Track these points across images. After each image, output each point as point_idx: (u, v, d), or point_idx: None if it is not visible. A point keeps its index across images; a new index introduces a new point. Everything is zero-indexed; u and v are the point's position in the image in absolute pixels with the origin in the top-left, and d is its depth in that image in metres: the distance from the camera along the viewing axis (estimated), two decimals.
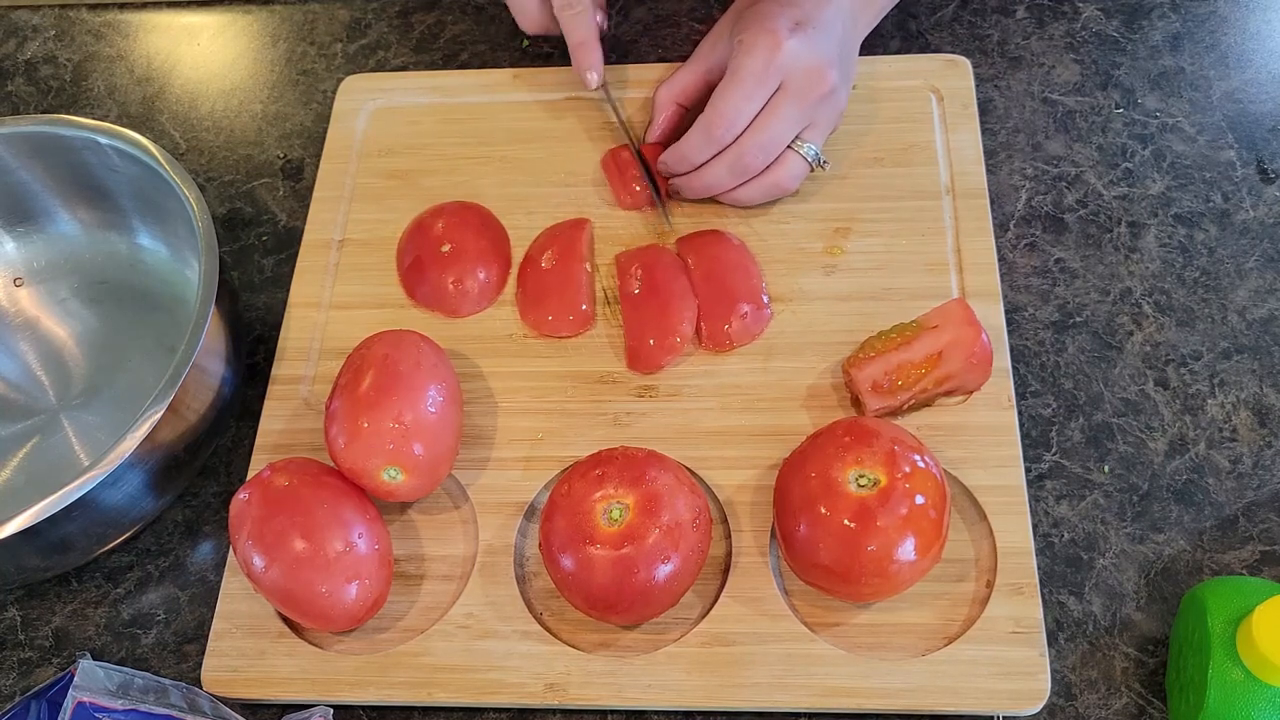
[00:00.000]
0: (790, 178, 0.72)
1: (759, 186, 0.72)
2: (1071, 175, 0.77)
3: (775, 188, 0.72)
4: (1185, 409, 0.68)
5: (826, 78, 0.69)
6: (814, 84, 0.69)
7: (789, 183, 0.72)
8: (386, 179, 0.80)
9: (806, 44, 0.68)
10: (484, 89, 0.83)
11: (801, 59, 0.68)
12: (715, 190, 0.73)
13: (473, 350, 0.73)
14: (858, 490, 0.58)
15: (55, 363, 0.76)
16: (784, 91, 0.69)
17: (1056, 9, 0.84)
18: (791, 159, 0.71)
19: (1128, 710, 0.61)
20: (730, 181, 0.72)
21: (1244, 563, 0.64)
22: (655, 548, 0.59)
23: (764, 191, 0.73)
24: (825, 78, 0.69)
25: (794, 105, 0.69)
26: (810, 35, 0.68)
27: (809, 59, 0.68)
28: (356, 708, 0.64)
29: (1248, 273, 0.72)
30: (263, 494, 0.62)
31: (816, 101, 0.69)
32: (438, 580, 0.66)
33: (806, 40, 0.68)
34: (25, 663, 0.67)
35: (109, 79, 0.90)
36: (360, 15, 0.90)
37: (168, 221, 0.74)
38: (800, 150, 0.71)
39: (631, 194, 0.76)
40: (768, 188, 0.72)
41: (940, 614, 0.62)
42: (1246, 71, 0.80)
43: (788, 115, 0.69)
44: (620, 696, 0.61)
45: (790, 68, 0.68)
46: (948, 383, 0.66)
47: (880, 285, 0.72)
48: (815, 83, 0.69)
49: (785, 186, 0.72)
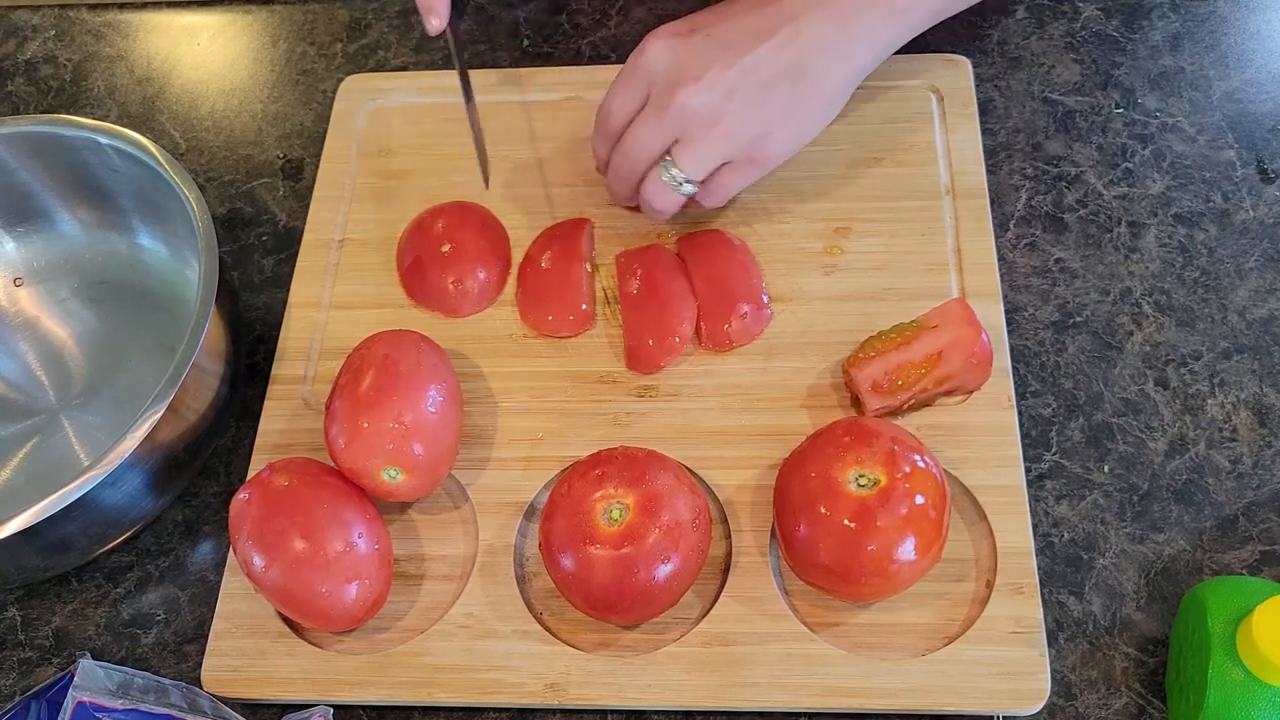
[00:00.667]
0: (654, 195, 0.66)
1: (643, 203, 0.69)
2: (1071, 175, 0.77)
3: (646, 205, 0.68)
4: (1185, 409, 0.68)
5: (682, 90, 0.62)
6: (669, 95, 0.63)
7: (655, 201, 0.67)
8: (386, 179, 0.80)
9: (676, 49, 0.63)
10: (484, 89, 0.83)
11: (661, 64, 0.63)
12: (620, 198, 0.72)
13: (473, 350, 0.73)
14: (858, 490, 0.58)
15: (55, 363, 0.76)
16: (648, 101, 0.65)
17: (1056, 9, 0.84)
18: (653, 178, 0.66)
19: (1128, 710, 0.61)
20: (621, 189, 0.70)
21: (1244, 563, 0.64)
22: (655, 548, 0.59)
23: (645, 207, 0.69)
24: (681, 90, 0.62)
25: (651, 117, 0.64)
26: (691, 42, 0.62)
27: (671, 65, 0.62)
28: (356, 708, 0.64)
29: (1248, 273, 0.72)
30: (263, 494, 0.62)
31: (676, 115, 0.63)
32: (438, 580, 0.66)
33: (680, 45, 0.62)
34: (25, 663, 0.67)
35: (109, 79, 0.90)
36: (360, 15, 0.90)
37: (168, 221, 0.74)
38: (666, 173, 0.65)
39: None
40: (644, 204, 0.68)
41: (940, 614, 0.62)
42: (1246, 71, 0.80)
43: (645, 127, 0.65)
44: (620, 696, 0.61)
45: (652, 73, 0.64)
46: (948, 383, 0.66)
47: (880, 285, 0.72)
48: (670, 94, 0.62)
49: (654, 206, 0.67)
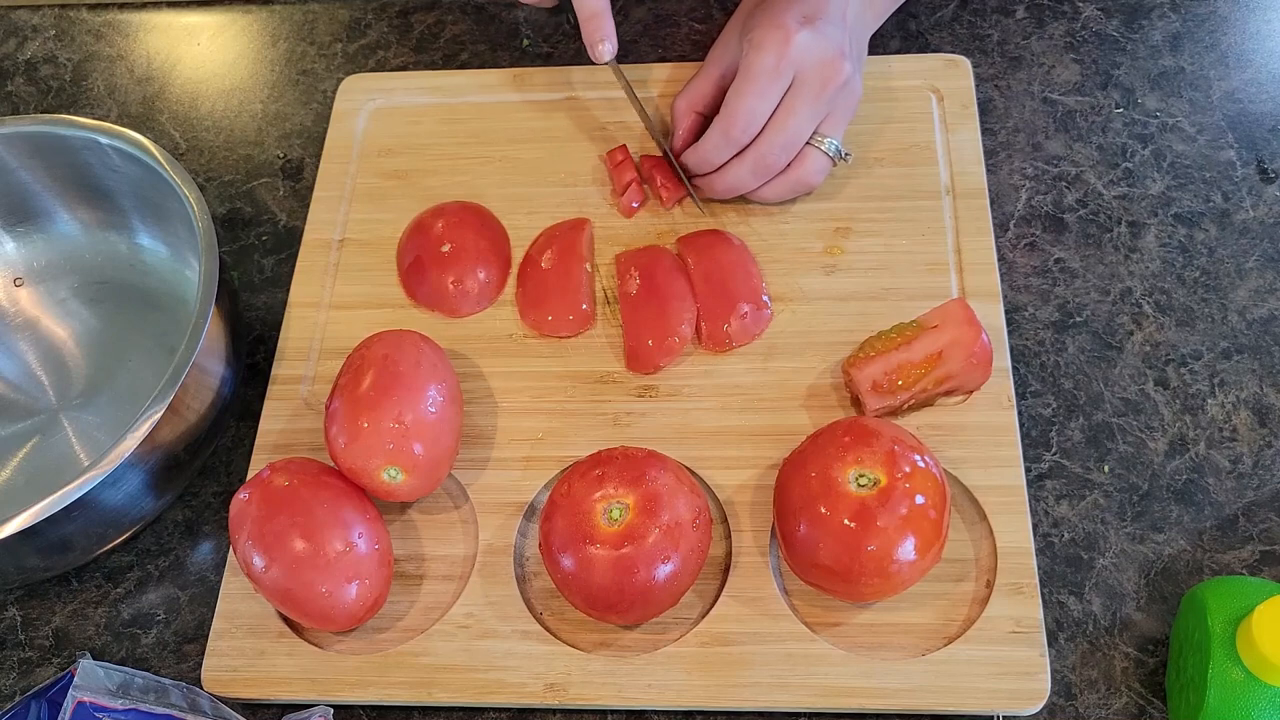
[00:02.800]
0: (813, 173, 0.72)
1: (783, 184, 0.72)
2: (1071, 175, 0.77)
3: (799, 184, 0.72)
4: (1185, 409, 0.68)
5: (840, 68, 0.68)
6: (828, 76, 0.68)
7: (813, 178, 0.72)
8: (386, 179, 0.80)
9: (816, 36, 0.68)
10: (484, 89, 0.83)
11: (813, 52, 0.68)
12: (739, 190, 0.73)
13: (473, 350, 0.73)
14: (858, 490, 0.58)
15: (55, 363, 0.76)
16: (798, 86, 0.68)
17: (1056, 9, 0.84)
18: (812, 155, 0.71)
19: (1128, 710, 0.61)
20: (753, 182, 0.72)
21: (1244, 563, 0.64)
22: (655, 548, 0.59)
23: (789, 189, 0.73)
24: (839, 68, 0.68)
25: (810, 100, 0.69)
26: (819, 27, 0.68)
27: (820, 51, 0.68)
28: (356, 708, 0.64)
29: (1248, 273, 0.72)
30: (263, 494, 0.62)
31: (832, 93, 0.69)
32: (438, 580, 0.66)
33: (816, 33, 0.68)
34: (25, 663, 0.67)
35: (109, 79, 0.90)
36: (360, 15, 0.90)
37: (168, 221, 0.74)
38: (821, 145, 0.71)
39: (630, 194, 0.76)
40: (792, 185, 0.72)
41: (940, 614, 0.62)
42: (1246, 71, 0.80)
43: (805, 110, 0.69)
44: (620, 696, 0.61)
45: (802, 61, 0.68)
46: (948, 383, 0.66)
47: (880, 285, 0.72)
48: (829, 74, 0.68)
49: (809, 182, 0.72)
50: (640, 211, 0.77)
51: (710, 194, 0.74)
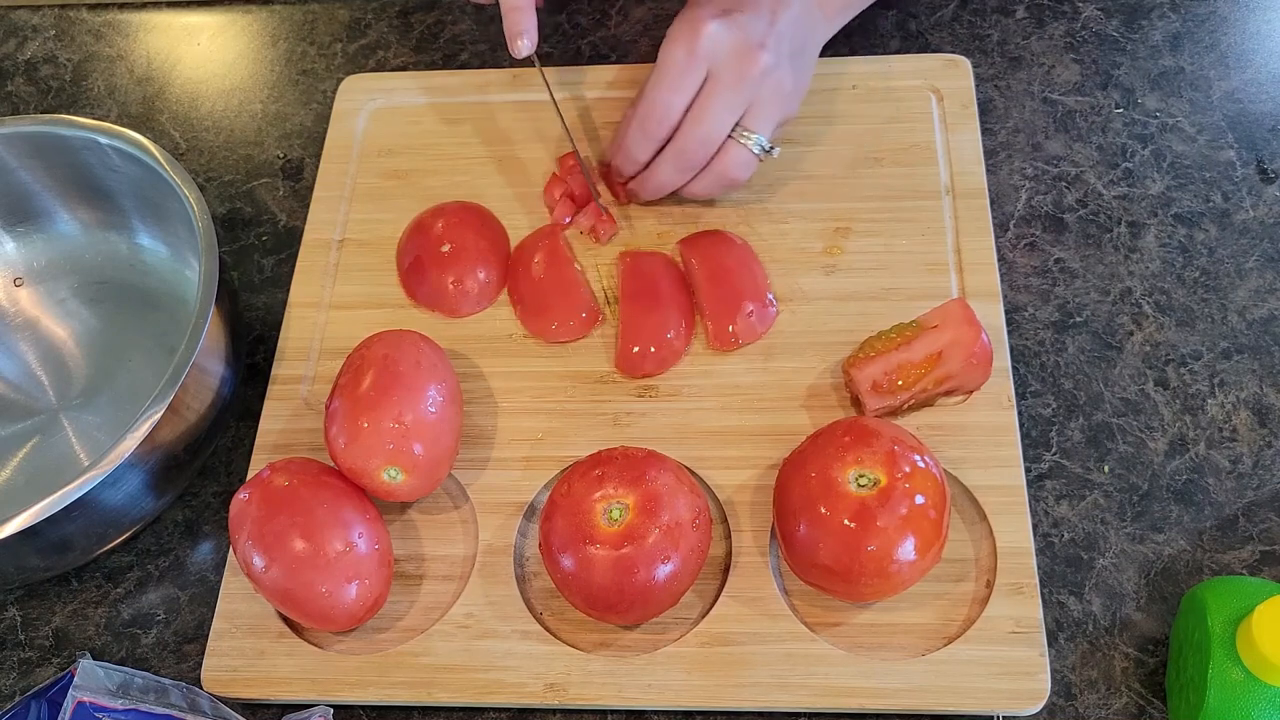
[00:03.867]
0: (736, 166, 0.70)
1: (706, 179, 0.71)
2: (1071, 175, 0.77)
3: (723, 178, 0.71)
4: (1185, 409, 0.68)
5: (756, 58, 0.67)
6: (745, 67, 0.67)
7: (736, 172, 0.70)
8: (386, 179, 0.80)
9: (730, 27, 0.67)
10: (484, 89, 0.83)
11: (725, 42, 0.67)
12: (668, 188, 0.72)
13: (473, 350, 0.73)
14: (858, 490, 0.58)
15: (55, 363, 0.76)
16: (713, 79, 0.67)
17: (1056, 9, 0.84)
18: (733, 149, 0.69)
19: (1128, 710, 0.61)
20: (677, 177, 0.71)
21: (1244, 563, 0.64)
22: (655, 548, 0.59)
23: (713, 183, 0.71)
24: (755, 58, 0.67)
25: (725, 92, 0.67)
26: (735, 19, 0.67)
27: (734, 41, 0.67)
28: (356, 708, 0.64)
29: (1248, 273, 0.72)
30: (263, 494, 0.62)
31: (750, 84, 0.67)
32: (438, 580, 0.66)
33: (730, 24, 0.67)
34: (25, 663, 0.67)
35: (109, 79, 0.90)
36: (360, 15, 0.90)
37: (168, 221, 0.74)
38: (743, 140, 0.69)
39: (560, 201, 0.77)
40: (716, 179, 0.71)
41: (940, 614, 0.62)
42: (1246, 71, 0.80)
43: (721, 102, 0.67)
44: (620, 696, 0.61)
45: (714, 53, 0.67)
46: (948, 383, 0.66)
47: (880, 285, 0.72)
48: (746, 65, 0.67)
49: (734, 177, 0.71)
50: (640, 211, 0.77)
51: (641, 195, 0.74)
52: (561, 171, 0.78)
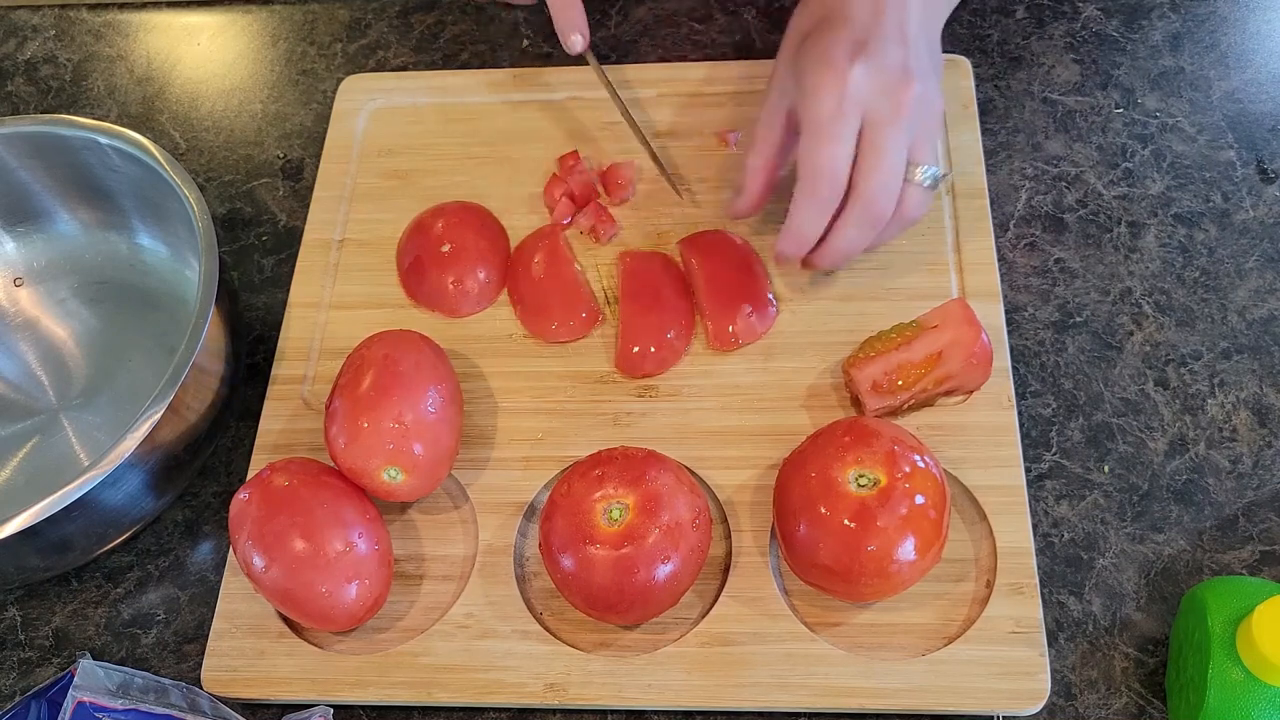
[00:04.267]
0: (916, 208, 0.66)
1: (892, 228, 0.66)
2: (1071, 175, 0.77)
3: (904, 222, 0.66)
4: (1185, 409, 0.68)
5: (908, 89, 0.63)
6: (898, 100, 0.62)
7: (917, 212, 0.66)
8: (386, 179, 0.80)
9: (873, 65, 0.62)
10: (484, 89, 0.83)
11: (874, 81, 0.62)
12: (855, 253, 0.67)
13: (473, 350, 0.73)
14: (858, 490, 0.58)
15: (55, 363, 0.76)
16: (871, 125, 0.62)
17: (1056, 9, 0.84)
18: (910, 191, 0.65)
19: (1128, 710, 0.61)
20: (865, 238, 0.65)
21: (1244, 563, 0.64)
22: (655, 548, 0.59)
23: (896, 230, 0.67)
24: (908, 89, 0.63)
25: (890, 131, 0.62)
26: (874, 53, 0.63)
27: (882, 80, 0.62)
28: (356, 708, 0.64)
29: (1248, 273, 0.72)
30: (263, 494, 0.62)
31: (909, 119, 0.63)
32: (438, 580, 0.66)
33: (872, 61, 0.62)
34: (25, 663, 0.67)
35: (109, 79, 0.90)
36: (360, 15, 0.90)
37: (168, 221, 0.74)
38: (916, 179, 0.65)
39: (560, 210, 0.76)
40: (898, 225, 0.66)
41: (940, 614, 0.62)
42: (1246, 71, 0.80)
43: (891, 144, 0.63)
44: (620, 696, 0.61)
45: (865, 96, 0.62)
46: (948, 383, 0.66)
47: (880, 285, 0.72)
48: (900, 100, 0.62)
49: (915, 218, 0.67)
50: (640, 212, 0.77)
51: (823, 265, 0.68)
52: (562, 171, 0.78)
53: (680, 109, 0.80)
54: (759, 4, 0.87)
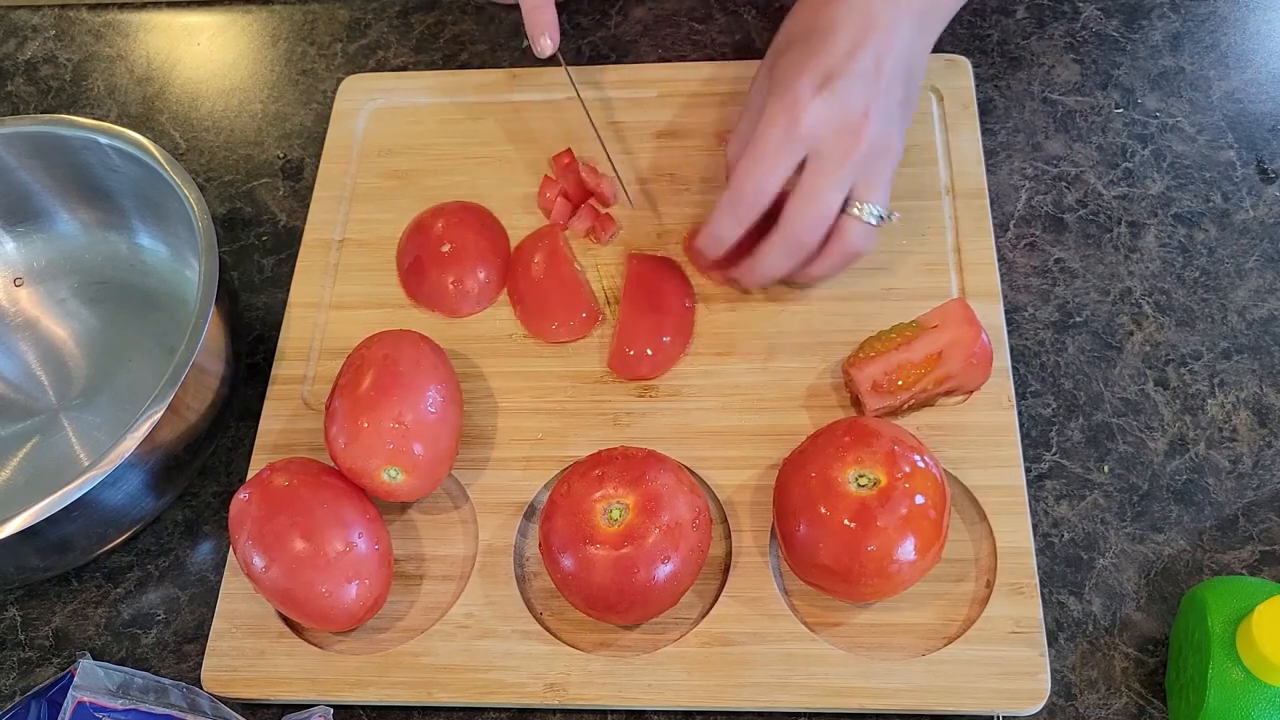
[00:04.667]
0: (856, 241, 0.66)
1: (827, 260, 0.67)
2: (1071, 175, 0.77)
3: (844, 256, 0.66)
4: (1185, 409, 0.68)
5: (861, 134, 0.62)
6: (848, 145, 0.63)
7: (858, 246, 0.66)
8: (386, 179, 0.80)
9: (831, 103, 0.62)
10: (484, 89, 0.83)
11: (829, 122, 0.62)
12: (778, 275, 0.68)
13: (473, 350, 0.73)
14: (858, 490, 0.58)
15: (55, 363, 0.76)
16: (814, 158, 0.63)
17: (1056, 9, 0.84)
18: (850, 225, 0.65)
19: (1128, 710, 0.61)
20: (788, 263, 0.66)
21: (1244, 563, 0.64)
22: (655, 548, 0.59)
23: (836, 263, 0.67)
24: (860, 133, 0.62)
25: (830, 170, 0.63)
26: (838, 90, 0.62)
27: (839, 119, 0.62)
28: (356, 708, 0.64)
29: (1248, 273, 0.72)
30: (263, 494, 0.62)
31: (856, 161, 0.63)
32: (438, 580, 0.66)
33: (832, 99, 0.62)
34: (25, 663, 0.67)
35: (109, 79, 0.90)
36: (360, 15, 0.90)
37: (168, 221, 0.74)
38: (857, 213, 0.64)
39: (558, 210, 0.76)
40: (837, 258, 0.67)
41: (940, 614, 0.62)
42: (1246, 71, 0.80)
43: (826, 182, 0.63)
44: (620, 696, 0.61)
45: (816, 134, 0.62)
46: (948, 383, 0.66)
47: (880, 285, 0.72)
48: (849, 141, 0.63)
49: (854, 252, 0.66)
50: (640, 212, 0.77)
51: (746, 283, 0.70)
52: (556, 171, 0.78)
53: (681, 109, 0.80)
54: (759, 4, 0.87)
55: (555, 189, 0.77)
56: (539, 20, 0.69)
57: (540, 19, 0.69)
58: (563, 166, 0.77)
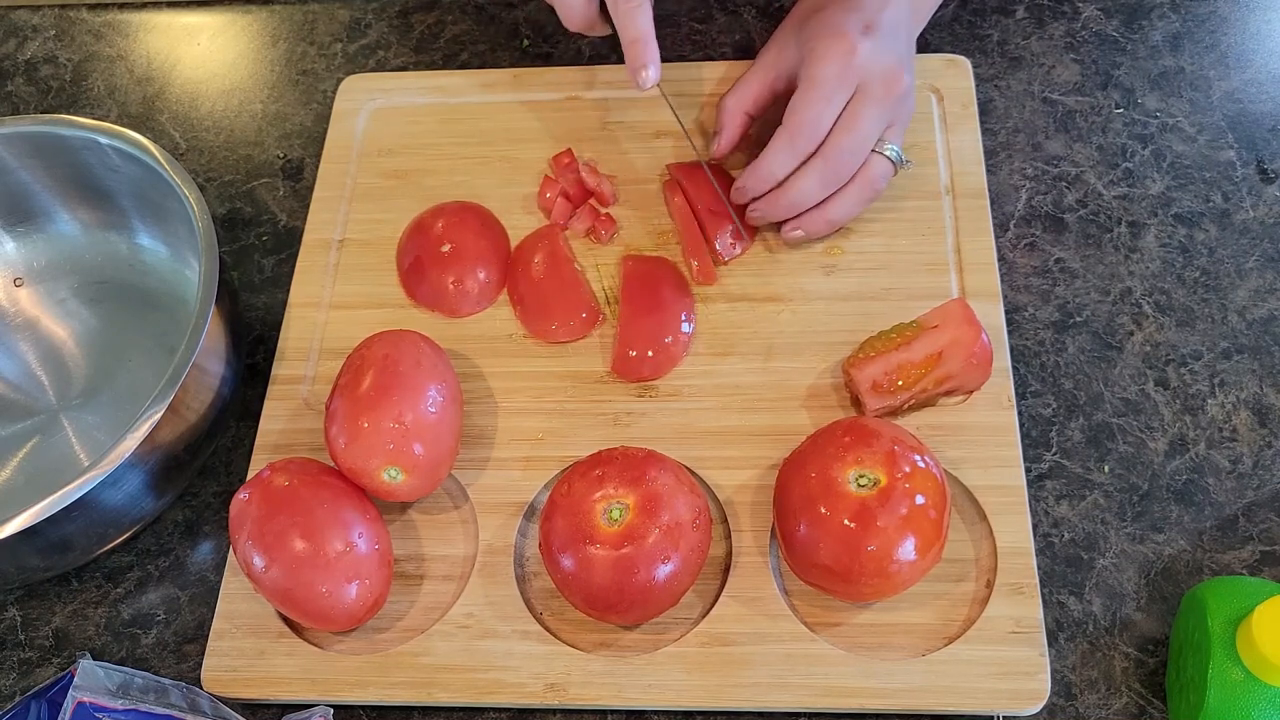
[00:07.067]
0: (879, 178, 0.70)
1: (852, 193, 0.70)
2: (1071, 175, 0.77)
3: (865, 190, 0.70)
4: (1185, 409, 0.68)
5: (901, 78, 0.68)
6: (890, 85, 0.68)
7: (879, 184, 0.70)
8: (386, 179, 0.80)
9: (878, 46, 0.68)
10: (484, 89, 0.83)
11: (876, 61, 0.68)
12: (804, 205, 0.70)
13: (473, 350, 0.73)
14: (858, 490, 0.58)
15: (55, 363, 0.76)
16: (862, 94, 0.68)
17: (1056, 9, 0.84)
18: (876, 160, 0.70)
19: (1128, 710, 0.61)
20: (820, 192, 0.69)
21: (1244, 563, 0.64)
22: (655, 548, 0.59)
23: (856, 198, 0.70)
24: (900, 78, 0.68)
25: (875, 106, 0.68)
26: (880, 38, 0.68)
27: (883, 61, 0.68)
28: (356, 708, 0.64)
29: (1248, 273, 0.72)
30: (263, 494, 0.62)
31: (894, 102, 0.69)
32: (438, 580, 0.66)
33: (877, 43, 0.68)
34: (25, 663, 0.67)
35: (109, 79, 0.90)
36: (360, 15, 0.90)
37: (168, 221, 0.74)
38: (884, 151, 0.69)
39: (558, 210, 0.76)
40: (858, 193, 0.70)
41: (940, 614, 0.62)
42: (1246, 71, 0.80)
43: (871, 116, 0.68)
44: (620, 696, 0.61)
45: (866, 70, 0.67)
46: (948, 383, 0.66)
47: (880, 285, 0.72)
48: (891, 83, 0.68)
49: (877, 189, 0.71)
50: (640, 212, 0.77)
51: (770, 213, 0.71)
52: (556, 170, 0.78)
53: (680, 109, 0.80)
54: (759, 4, 0.87)
55: (555, 189, 0.77)
56: (643, 53, 0.67)
57: (645, 51, 0.67)
58: (563, 166, 0.77)
